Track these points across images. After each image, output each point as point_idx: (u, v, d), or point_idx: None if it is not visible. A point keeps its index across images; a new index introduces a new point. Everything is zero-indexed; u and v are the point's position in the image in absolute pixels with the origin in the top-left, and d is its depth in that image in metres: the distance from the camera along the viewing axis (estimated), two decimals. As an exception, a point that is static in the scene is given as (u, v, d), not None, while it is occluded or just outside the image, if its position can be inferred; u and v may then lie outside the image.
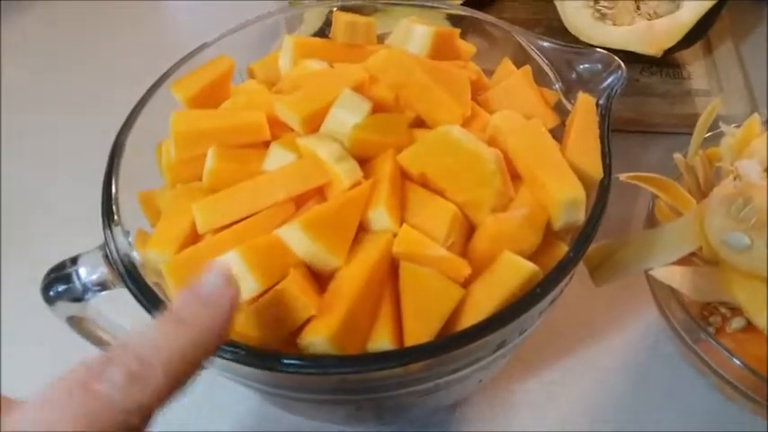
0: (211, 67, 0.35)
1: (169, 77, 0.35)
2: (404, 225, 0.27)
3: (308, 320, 0.25)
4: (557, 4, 0.51)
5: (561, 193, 0.27)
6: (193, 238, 0.29)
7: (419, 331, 0.26)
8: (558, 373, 0.40)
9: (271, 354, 0.24)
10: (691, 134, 0.39)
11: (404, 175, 0.29)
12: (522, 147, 0.29)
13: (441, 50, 0.35)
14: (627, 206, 0.44)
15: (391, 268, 0.27)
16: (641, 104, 0.50)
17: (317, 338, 0.24)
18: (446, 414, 0.38)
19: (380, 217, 0.27)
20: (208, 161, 0.30)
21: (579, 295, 0.41)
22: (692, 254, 0.36)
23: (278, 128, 0.31)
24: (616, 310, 0.42)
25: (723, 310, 0.36)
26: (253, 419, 0.37)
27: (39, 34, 0.67)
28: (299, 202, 0.29)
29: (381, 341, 0.26)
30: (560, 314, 0.41)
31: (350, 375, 0.24)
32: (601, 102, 0.32)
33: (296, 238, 0.26)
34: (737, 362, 0.33)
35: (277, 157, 0.30)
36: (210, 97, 0.34)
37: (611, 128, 0.32)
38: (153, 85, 0.34)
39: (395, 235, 0.27)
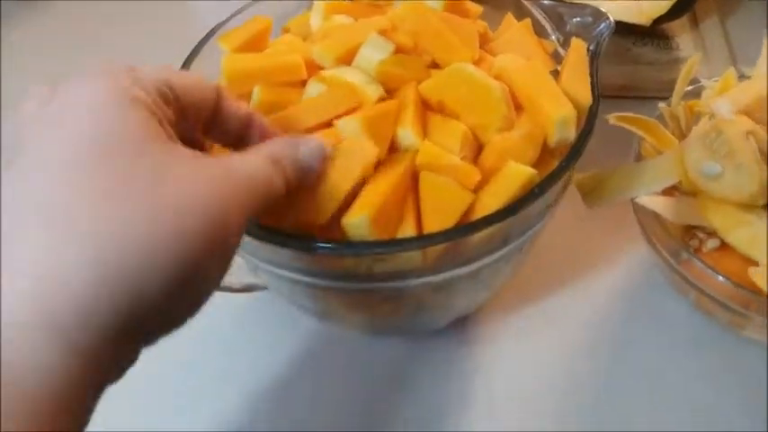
0: (251, 24, 0.40)
1: (210, 39, 0.40)
2: (425, 141, 0.33)
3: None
4: (554, -21, 0.56)
5: (556, 112, 0.33)
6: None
7: (436, 228, 0.31)
8: (554, 301, 0.45)
9: (315, 239, 0.30)
10: (676, 97, 0.45)
11: (423, 103, 0.34)
12: (523, 80, 0.35)
13: (452, 10, 0.40)
14: (620, 154, 0.49)
15: (413, 179, 0.33)
16: (633, 72, 0.55)
17: (361, 217, 0.29)
18: (450, 334, 0.43)
19: (407, 134, 0.32)
20: (254, 96, 0.35)
21: (575, 232, 0.47)
22: (673, 187, 0.41)
23: (313, 70, 0.36)
24: (608, 245, 0.47)
25: (700, 234, 0.41)
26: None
27: (46, 28, 0.71)
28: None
29: (407, 232, 0.31)
30: (558, 248, 0.46)
31: (380, 256, 0.29)
32: (591, 47, 0.37)
33: (350, 129, 0.31)
34: (715, 274, 0.38)
35: (314, 91, 0.35)
36: (253, 48, 0.39)
37: (606, 94, 0.37)
38: (200, 42, 0.39)
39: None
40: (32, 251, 0.21)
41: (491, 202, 0.31)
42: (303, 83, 0.36)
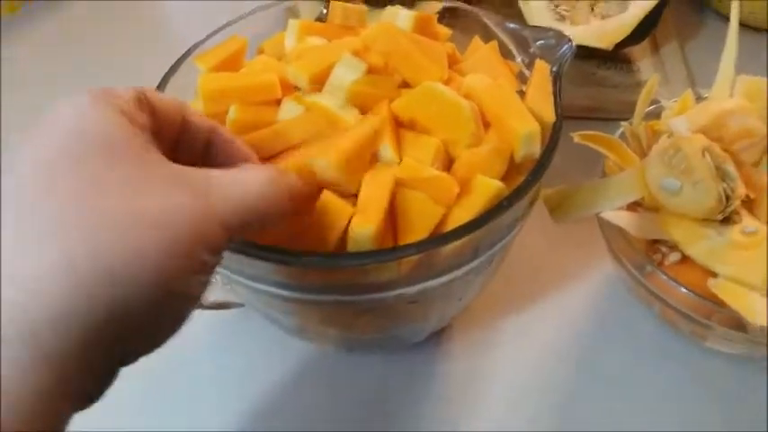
0: (227, 44, 0.41)
1: (185, 59, 0.41)
2: (405, 157, 0.34)
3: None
4: (521, 5, 0.58)
5: (521, 127, 0.34)
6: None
7: (411, 240, 0.32)
8: (524, 314, 0.46)
9: (292, 252, 0.30)
10: (639, 118, 0.46)
11: (396, 121, 0.35)
12: (490, 98, 0.36)
13: (421, 31, 0.41)
14: (584, 169, 0.51)
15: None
16: (598, 94, 0.58)
17: (367, 229, 0.30)
18: (427, 349, 0.44)
19: (386, 150, 0.34)
20: (230, 114, 0.36)
21: (543, 248, 0.48)
22: (636, 203, 0.43)
23: (287, 89, 0.37)
24: (576, 259, 0.48)
25: (663, 248, 0.42)
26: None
27: (38, 34, 0.72)
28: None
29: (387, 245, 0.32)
30: (527, 262, 0.47)
31: (357, 269, 0.30)
32: (554, 68, 0.39)
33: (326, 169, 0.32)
34: (677, 285, 0.39)
35: (288, 110, 0.36)
36: (229, 68, 0.40)
37: (572, 115, 0.39)
38: (173, 65, 0.40)
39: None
40: (4, 249, 0.20)
41: (462, 214, 0.32)
42: (278, 102, 0.37)
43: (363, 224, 0.31)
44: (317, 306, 0.34)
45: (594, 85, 0.58)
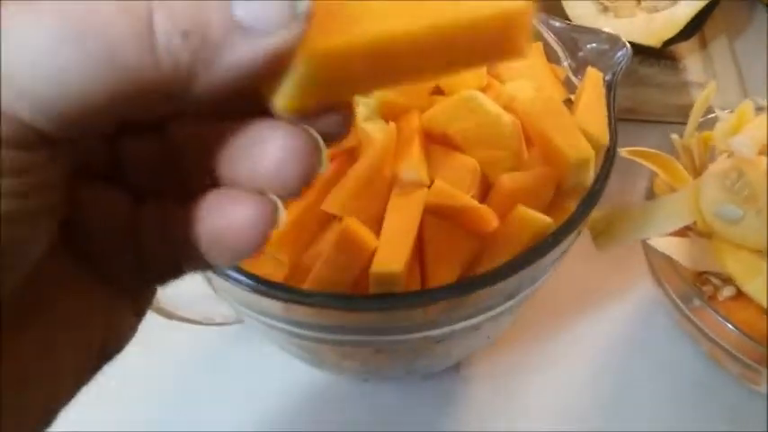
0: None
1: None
2: (437, 179, 0.29)
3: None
4: (561, -5, 0.53)
5: (571, 152, 0.30)
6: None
7: (439, 278, 0.28)
8: (556, 340, 0.42)
9: (305, 292, 0.26)
10: (684, 123, 0.42)
11: (426, 135, 0.31)
12: (535, 113, 0.31)
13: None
14: (626, 182, 0.46)
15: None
16: (639, 94, 0.53)
17: (392, 270, 0.26)
18: (450, 376, 0.40)
19: (414, 169, 0.29)
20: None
21: (579, 268, 0.44)
22: (687, 227, 0.39)
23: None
24: (613, 282, 0.44)
25: (714, 280, 0.38)
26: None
27: None
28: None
29: (412, 282, 0.28)
30: (562, 284, 0.43)
31: (377, 313, 0.26)
32: (607, 77, 0.35)
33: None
34: (729, 326, 0.35)
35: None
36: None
37: None
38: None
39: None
40: None
41: (499, 251, 0.28)
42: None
43: (388, 263, 0.26)
44: (332, 344, 0.31)
45: (635, 84, 0.53)
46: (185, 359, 0.41)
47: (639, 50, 0.52)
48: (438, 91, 0.34)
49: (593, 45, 0.36)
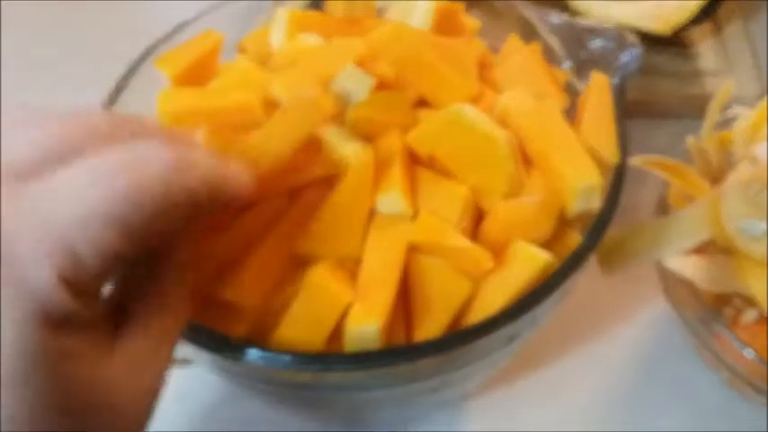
0: (199, 42, 0.32)
1: (152, 54, 0.33)
2: (423, 212, 0.26)
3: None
4: (561, -22, 0.49)
5: (577, 179, 0.26)
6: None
7: (427, 325, 0.25)
8: (565, 366, 0.38)
9: (270, 351, 0.23)
10: (699, 117, 0.38)
11: (410, 156, 0.27)
12: (533, 129, 0.28)
13: (444, 26, 0.33)
14: (635, 191, 0.43)
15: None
16: (648, 85, 0.49)
17: (370, 327, 0.23)
18: (449, 409, 0.37)
19: (394, 201, 0.25)
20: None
21: (585, 285, 0.40)
22: (705, 242, 0.35)
23: (272, 108, 0.29)
24: (623, 301, 0.40)
25: (737, 301, 0.34)
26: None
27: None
28: (295, 193, 0.27)
29: (396, 332, 0.24)
30: (567, 305, 0.39)
31: (356, 372, 0.23)
32: (615, 81, 0.31)
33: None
34: (752, 356, 0.32)
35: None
36: (198, 74, 0.31)
37: None
38: (135, 62, 0.32)
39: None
40: None
41: (496, 294, 0.25)
42: (259, 125, 0.29)
43: (365, 319, 0.23)
44: (305, 401, 0.27)
45: (645, 74, 0.49)
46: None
47: (647, 37, 0.48)
48: (423, 103, 0.30)
49: (598, 43, 0.32)
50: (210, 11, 0.35)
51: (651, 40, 0.50)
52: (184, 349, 0.26)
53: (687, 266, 0.33)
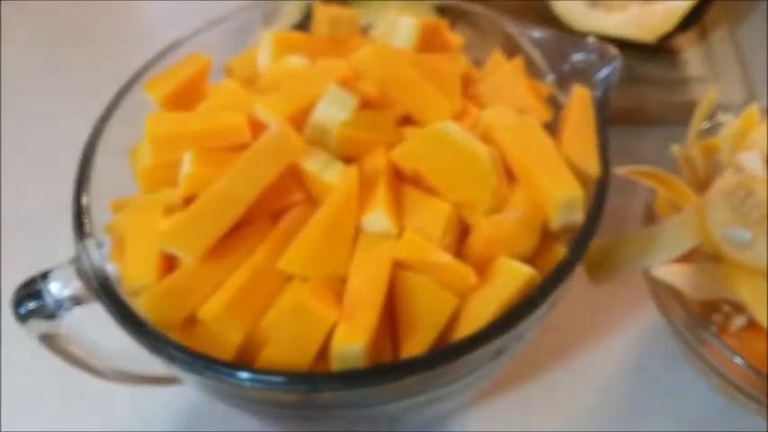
0: (186, 66, 0.33)
1: (141, 78, 0.33)
2: (407, 230, 0.26)
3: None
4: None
5: (558, 192, 0.26)
6: (169, 258, 0.27)
7: (414, 341, 0.25)
8: (554, 374, 0.39)
9: (256, 370, 0.23)
10: (686, 124, 0.38)
11: (395, 173, 0.28)
12: (516, 144, 0.28)
13: (428, 43, 0.33)
14: (622, 200, 0.43)
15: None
16: (635, 93, 0.49)
17: (354, 347, 0.23)
18: (441, 421, 0.37)
19: (379, 220, 0.26)
20: (185, 166, 0.28)
21: (575, 293, 0.40)
22: (693, 250, 0.35)
23: (258, 129, 0.29)
24: (613, 308, 0.40)
25: (725, 307, 0.34)
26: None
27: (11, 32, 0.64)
28: (278, 214, 0.27)
29: (382, 350, 0.25)
30: (556, 313, 0.40)
31: (343, 392, 0.23)
32: (597, 94, 0.31)
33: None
34: (741, 362, 0.32)
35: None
36: (186, 98, 0.32)
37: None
38: (123, 87, 0.33)
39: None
40: None
41: (481, 309, 0.25)
42: (246, 147, 0.29)
43: (350, 338, 0.23)
44: (295, 420, 0.27)
45: (631, 82, 0.49)
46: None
47: (634, 45, 0.48)
48: (407, 121, 0.30)
49: (580, 56, 0.32)
50: (200, 32, 0.36)
51: (638, 49, 0.50)
52: (172, 369, 0.26)
53: (674, 274, 0.34)
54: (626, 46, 0.47)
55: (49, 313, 0.27)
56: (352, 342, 0.23)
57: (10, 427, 0.37)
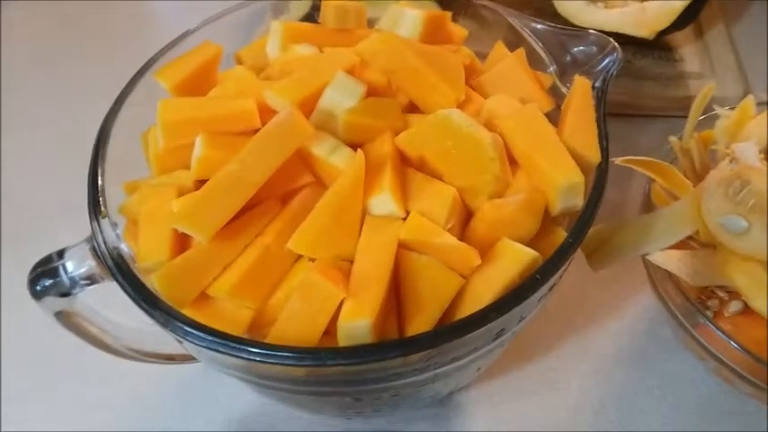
0: (197, 53, 0.34)
1: (153, 65, 0.34)
2: (412, 212, 0.27)
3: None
4: (548, -15, 0.50)
5: (560, 178, 0.27)
6: (182, 238, 0.28)
7: (418, 320, 0.26)
8: (554, 359, 0.39)
9: (266, 345, 0.24)
10: (684, 117, 0.39)
11: (401, 158, 0.28)
12: (518, 131, 0.29)
13: (432, 34, 0.34)
14: (621, 189, 0.44)
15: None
16: (634, 87, 0.50)
17: (361, 323, 0.24)
18: (443, 403, 0.38)
19: (385, 202, 0.27)
20: (196, 149, 0.29)
21: (574, 279, 0.41)
22: (689, 237, 0.36)
23: (268, 114, 0.30)
24: (612, 294, 0.41)
25: (721, 293, 0.35)
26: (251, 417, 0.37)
27: (16, 29, 0.65)
28: (287, 196, 0.28)
29: (389, 327, 0.25)
30: (556, 299, 0.41)
31: (350, 367, 0.24)
32: (596, 84, 0.32)
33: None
34: (736, 346, 0.33)
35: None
36: (197, 84, 0.33)
37: (606, 111, 0.32)
38: (137, 73, 0.33)
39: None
40: None
41: (483, 288, 0.26)
42: (256, 131, 0.30)
43: (357, 315, 0.24)
44: (304, 395, 0.28)
45: (630, 76, 0.50)
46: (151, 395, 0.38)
47: (633, 41, 0.49)
48: (412, 108, 0.31)
49: (581, 48, 0.33)
50: (211, 21, 0.36)
51: (636, 45, 0.51)
52: (186, 347, 0.27)
53: (671, 261, 0.35)
54: (625, 42, 0.49)
55: (65, 291, 0.28)
56: (358, 318, 0.24)
57: (10, 427, 0.38)
